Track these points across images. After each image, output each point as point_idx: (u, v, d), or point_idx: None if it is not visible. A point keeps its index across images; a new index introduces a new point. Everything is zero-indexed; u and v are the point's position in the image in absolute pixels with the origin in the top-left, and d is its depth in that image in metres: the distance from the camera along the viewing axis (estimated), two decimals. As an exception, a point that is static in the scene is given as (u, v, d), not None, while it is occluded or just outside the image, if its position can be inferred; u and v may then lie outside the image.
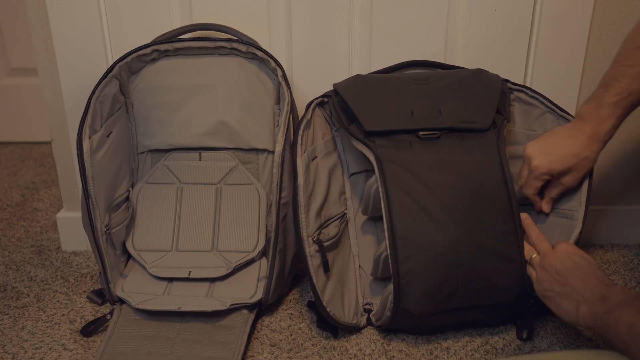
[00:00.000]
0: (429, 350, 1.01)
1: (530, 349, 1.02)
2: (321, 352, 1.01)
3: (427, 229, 0.96)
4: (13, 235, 1.38)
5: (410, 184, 0.99)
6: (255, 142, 1.16)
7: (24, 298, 1.16)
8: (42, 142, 1.91)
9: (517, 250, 0.97)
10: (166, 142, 1.17)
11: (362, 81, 1.08)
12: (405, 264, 0.95)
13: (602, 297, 0.79)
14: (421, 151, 1.01)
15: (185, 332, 1.03)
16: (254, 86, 1.15)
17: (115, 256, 1.12)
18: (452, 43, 1.17)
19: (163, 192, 1.18)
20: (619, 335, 0.71)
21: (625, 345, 0.70)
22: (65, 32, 1.15)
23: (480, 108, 1.05)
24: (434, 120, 1.03)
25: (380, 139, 1.02)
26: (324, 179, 1.08)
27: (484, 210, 0.98)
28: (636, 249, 1.31)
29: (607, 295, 0.78)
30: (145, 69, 1.15)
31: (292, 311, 1.11)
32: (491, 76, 1.10)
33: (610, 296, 0.78)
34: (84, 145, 1.03)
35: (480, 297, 0.97)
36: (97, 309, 1.13)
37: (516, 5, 1.14)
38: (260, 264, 1.14)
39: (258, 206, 1.17)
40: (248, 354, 1.01)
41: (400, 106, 1.04)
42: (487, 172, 1.01)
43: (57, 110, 1.22)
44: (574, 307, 0.83)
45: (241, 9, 1.15)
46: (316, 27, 1.15)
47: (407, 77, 1.09)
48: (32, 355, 1.01)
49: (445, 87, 1.07)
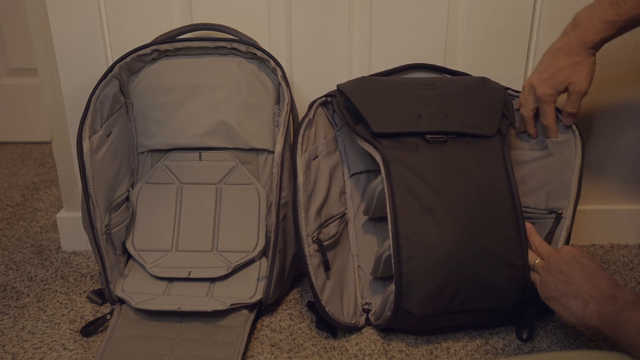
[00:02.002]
0: (429, 350, 1.02)
1: (530, 349, 1.02)
2: (321, 352, 1.01)
3: (431, 230, 0.96)
4: (13, 235, 1.39)
5: (415, 185, 0.99)
6: (255, 142, 1.16)
7: (24, 298, 1.16)
8: (42, 142, 1.91)
9: (520, 256, 0.97)
10: (166, 142, 1.17)
11: (368, 83, 1.08)
12: (408, 265, 0.95)
13: (612, 297, 0.78)
14: (427, 154, 1.02)
15: (185, 332, 1.03)
16: (254, 86, 1.15)
17: (115, 256, 1.12)
18: (452, 43, 1.17)
19: (163, 192, 1.18)
20: (628, 336, 0.70)
21: (634, 346, 0.69)
22: (65, 32, 1.15)
23: (485, 115, 1.05)
24: (440, 124, 1.04)
25: (387, 140, 1.03)
26: (325, 179, 1.08)
27: (488, 215, 0.98)
28: (636, 249, 1.31)
29: (616, 295, 0.78)
30: (145, 69, 1.15)
31: (292, 311, 1.11)
32: (494, 85, 1.11)
33: (620, 295, 0.78)
34: (84, 145, 1.03)
35: (481, 300, 0.97)
36: (97, 309, 1.13)
37: (516, 5, 1.14)
38: (260, 264, 1.14)
39: (258, 206, 1.17)
40: (248, 354, 1.01)
41: (407, 109, 1.05)
42: (492, 178, 1.01)
43: (57, 110, 1.22)
44: (580, 306, 0.82)
45: (241, 9, 1.15)
46: (316, 27, 1.15)
47: (413, 81, 1.10)
48: (32, 355, 1.01)
49: (451, 93, 1.07)
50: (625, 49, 1.17)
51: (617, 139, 1.25)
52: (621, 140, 1.25)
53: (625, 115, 1.23)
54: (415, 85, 1.08)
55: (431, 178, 1.00)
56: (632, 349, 0.70)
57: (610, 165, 1.27)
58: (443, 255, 0.95)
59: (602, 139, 1.25)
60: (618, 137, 1.25)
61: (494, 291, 0.97)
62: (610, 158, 1.27)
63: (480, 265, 0.96)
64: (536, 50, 1.16)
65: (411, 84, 1.09)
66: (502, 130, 1.06)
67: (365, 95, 1.06)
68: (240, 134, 1.16)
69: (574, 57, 0.98)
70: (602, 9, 0.95)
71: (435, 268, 0.95)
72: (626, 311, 0.73)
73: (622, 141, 1.25)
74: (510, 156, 1.03)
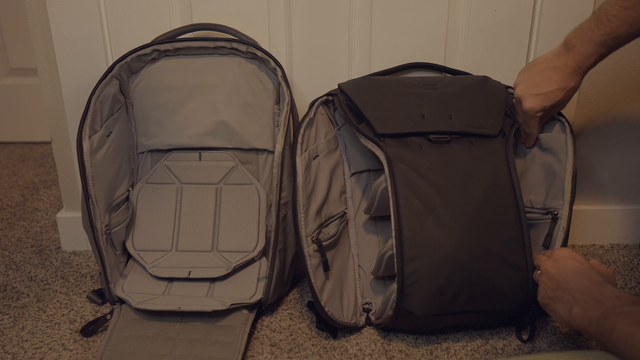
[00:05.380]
0: (429, 350, 1.02)
1: (530, 349, 1.02)
2: (321, 352, 1.01)
3: (434, 231, 0.96)
4: (13, 235, 1.38)
5: (419, 185, 0.99)
6: (255, 142, 1.16)
7: (24, 298, 1.16)
8: (42, 142, 1.91)
9: (523, 258, 0.97)
10: (166, 142, 1.17)
11: (370, 83, 1.08)
12: (410, 265, 0.95)
13: (596, 301, 0.78)
14: (431, 154, 1.02)
15: (185, 332, 1.03)
16: (254, 86, 1.15)
17: (115, 256, 1.12)
18: (452, 43, 1.17)
19: (163, 192, 1.18)
20: (615, 345, 0.70)
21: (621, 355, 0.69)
22: (65, 32, 1.15)
23: (488, 114, 1.05)
24: (444, 124, 1.04)
25: (390, 139, 1.02)
26: (325, 178, 1.08)
27: (491, 216, 0.98)
28: (636, 249, 1.31)
29: (600, 300, 0.78)
30: (145, 69, 1.15)
31: (292, 311, 1.11)
32: (496, 84, 1.11)
33: (603, 300, 0.77)
34: (84, 145, 1.03)
35: (483, 301, 0.97)
36: (97, 309, 1.13)
37: (516, 5, 1.14)
38: (260, 264, 1.14)
39: (258, 206, 1.17)
40: (248, 354, 1.01)
41: (410, 109, 1.05)
42: (496, 179, 1.01)
43: (56, 110, 1.22)
44: (566, 309, 0.82)
45: (241, 9, 1.15)
46: (316, 26, 1.15)
47: (415, 81, 1.10)
48: (32, 355, 1.01)
49: (454, 93, 1.07)
50: (625, 49, 1.17)
51: (617, 139, 1.25)
52: (621, 140, 1.25)
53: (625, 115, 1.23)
54: (418, 85, 1.08)
55: (434, 178, 1.00)
56: (619, 356, 0.69)
57: (610, 165, 1.27)
58: (446, 255, 0.95)
59: (602, 139, 1.25)
60: (618, 136, 1.25)
61: (496, 292, 0.97)
62: (610, 158, 1.26)
63: (483, 266, 0.96)
64: (536, 50, 1.16)
65: (413, 83, 1.09)
66: (505, 130, 1.06)
67: (368, 95, 1.06)
68: (240, 134, 1.16)
69: (570, 82, 0.99)
70: (590, 29, 0.96)
71: (437, 268, 0.95)
72: (610, 319, 0.73)
73: (622, 141, 1.25)
74: (513, 156, 1.03)
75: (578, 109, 1.22)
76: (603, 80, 1.20)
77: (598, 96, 1.21)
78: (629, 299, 0.75)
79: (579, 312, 0.80)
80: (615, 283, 0.86)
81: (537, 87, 1.01)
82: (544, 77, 1.01)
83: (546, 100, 1.01)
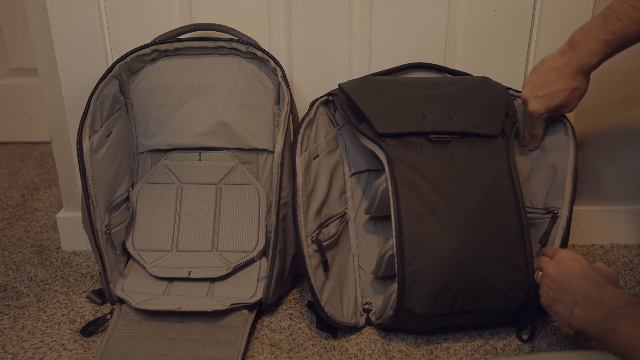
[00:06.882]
0: (429, 350, 1.02)
1: (530, 349, 1.02)
2: (321, 352, 1.01)
3: (435, 231, 0.96)
4: (13, 235, 1.38)
5: (419, 185, 0.99)
6: (255, 142, 1.16)
7: (24, 298, 1.16)
8: (42, 142, 1.91)
9: (523, 259, 0.97)
10: (166, 142, 1.17)
11: (370, 83, 1.08)
12: (411, 265, 0.95)
13: (596, 302, 0.78)
14: (432, 154, 1.02)
15: (185, 332, 1.03)
16: (254, 86, 1.15)
17: (115, 256, 1.12)
18: (452, 43, 1.17)
19: (163, 192, 1.18)
20: (616, 345, 0.70)
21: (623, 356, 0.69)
22: (65, 32, 1.15)
23: (489, 115, 1.05)
24: (445, 124, 1.04)
25: (391, 139, 1.03)
26: (326, 178, 1.08)
27: (491, 216, 0.98)
28: (636, 249, 1.31)
29: (600, 301, 0.78)
30: (145, 69, 1.15)
31: (292, 311, 1.11)
32: (496, 84, 1.11)
33: (603, 301, 0.77)
34: (84, 145, 1.03)
35: (483, 302, 0.97)
36: (97, 309, 1.13)
37: (516, 5, 1.14)
38: (260, 264, 1.14)
39: (258, 206, 1.17)
40: (248, 354, 1.01)
41: (411, 109, 1.05)
42: (496, 179, 1.01)
43: (56, 110, 1.22)
44: (567, 310, 0.83)
45: (241, 9, 1.15)
46: (316, 26, 1.15)
47: (416, 81, 1.10)
48: (32, 355, 1.01)
49: (454, 93, 1.07)
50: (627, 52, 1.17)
51: (617, 140, 1.25)
52: (622, 140, 1.25)
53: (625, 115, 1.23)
54: (419, 85, 1.08)
55: (435, 178, 1.00)
56: (621, 358, 0.69)
57: (611, 165, 1.27)
58: (446, 256, 0.95)
59: (602, 139, 1.25)
60: (618, 137, 1.25)
61: (497, 293, 0.97)
62: (611, 158, 1.26)
63: (483, 266, 0.96)
64: (536, 50, 1.16)
65: (414, 83, 1.09)
66: (506, 130, 1.06)
67: (368, 95, 1.06)
68: (240, 134, 1.16)
69: (572, 82, 0.99)
70: (597, 27, 0.95)
71: (438, 268, 0.95)
72: (612, 320, 0.73)
73: (622, 142, 1.25)
74: (514, 157, 1.03)
75: (579, 110, 1.22)
76: (606, 82, 1.20)
77: (599, 97, 1.21)
78: (630, 300, 0.75)
79: (580, 313, 0.80)
80: (618, 285, 0.86)
81: (540, 88, 1.01)
82: (545, 79, 1.01)
83: (549, 102, 1.01)
